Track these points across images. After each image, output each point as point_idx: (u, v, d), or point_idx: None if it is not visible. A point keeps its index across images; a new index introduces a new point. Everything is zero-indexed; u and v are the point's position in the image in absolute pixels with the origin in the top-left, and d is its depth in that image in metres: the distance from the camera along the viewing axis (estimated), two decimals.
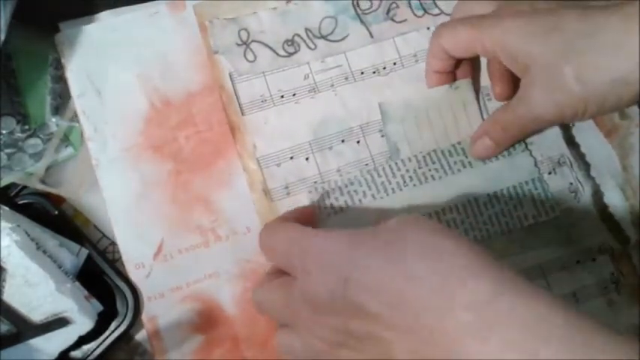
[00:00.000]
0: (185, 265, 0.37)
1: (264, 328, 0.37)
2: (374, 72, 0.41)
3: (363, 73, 0.40)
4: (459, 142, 0.39)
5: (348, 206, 0.38)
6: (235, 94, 0.39)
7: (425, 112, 0.39)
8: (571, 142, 0.41)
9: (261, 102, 0.39)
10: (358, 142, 0.39)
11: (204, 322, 0.37)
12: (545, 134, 0.40)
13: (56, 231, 0.37)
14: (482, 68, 0.41)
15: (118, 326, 0.36)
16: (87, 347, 0.36)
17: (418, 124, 0.39)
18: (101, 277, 0.37)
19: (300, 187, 0.38)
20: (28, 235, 0.35)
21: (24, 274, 0.34)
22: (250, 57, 0.40)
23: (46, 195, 0.38)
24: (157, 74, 0.39)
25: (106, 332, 0.36)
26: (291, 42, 0.40)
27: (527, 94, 0.35)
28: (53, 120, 0.39)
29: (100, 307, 0.35)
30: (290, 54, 0.40)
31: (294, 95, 0.40)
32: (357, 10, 0.41)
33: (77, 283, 0.35)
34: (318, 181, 0.38)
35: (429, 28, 0.41)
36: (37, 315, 0.35)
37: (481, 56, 0.38)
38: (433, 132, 0.39)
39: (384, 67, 0.41)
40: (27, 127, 0.39)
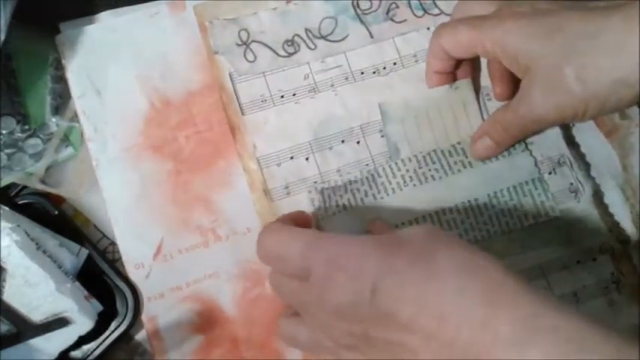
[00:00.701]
0: (185, 265, 0.37)
1: (264, 328, 0.37)
2: (374, 72, 0.41)
3: (363, 73, 0.40)
4: (459, 142, 0.39)
5: (351, 205, 0.38)
6: (235, 94, 0.39)
7: (425, 112, 0.39)
8: (571, 142, 0.41)
9: (261, 102, 0.39)
10: (358, 142, 0.39)
11: (204, 323, 0.37)
12: (546, 134, 0.40)
13: (56, 231, 0.37)
14: (483, 68, 0.41)
15: (118, 326, 0.36)
16: (87, 347, 0.36)
17: (418, 124, 0.39)
18: (101, 277, 0.37)
19: (300, 187, 0.38)
20: (28, 235, 0.35)
21: (24, 274, 0.34)
22: (250, 57, 0.40)
23: (46, 195, 0.38)
24: (157, 74, 0.39)
25: (106, 332, 0.36)
26: (291, 42, 0.40)
27: (528, 94, 0.35)
28: (53, 120, 0.39)
29: (100, 307, 0.36)
30: (290, 54, 0.40)
31: (294, 95, 0.40)
32: (357, 10, 0.41)
33: (77, 283, 0.35)
34: (318, 181, 0.38)
35: (428, 29, 0.41)
36: (37, 315, 0.35)
37: (481, 57, 0.38)
38: (433, 132, 0.39)
39: (384, 67, 0.41)
40: (27, 127, 0.39)
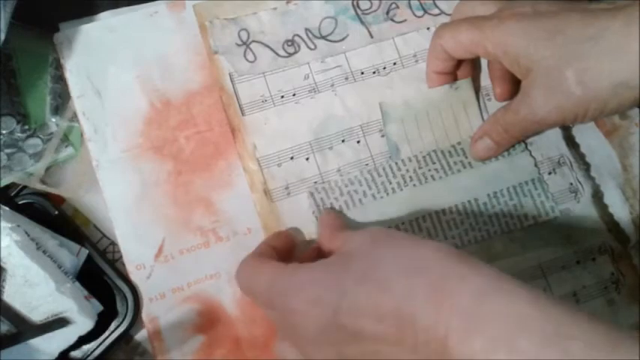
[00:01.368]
0: (186, 265, 0.37)
1: (265, 328, 0.37)
2: (374, 72, 0.41)
3: (363, 73, 0.40)
4: (459, 143, 0.39)
5: (349, 206, 0.38)
6: (235, 94, 0.39)
7: (425, 112, 0.39)
8: (571, 143, 0.41)
9: (262, 102, 0.39)
10: (358, 142, 0.39)
11: (205, 323, 0.37)
12: (545, 134, 0.40)
13: (56, 231, 0.37)
14: (483, 68, 0.41)
15: (118, 326, 0.36)
16: (87, 347, 0.36)
17: (418, 124, 0.39)
18: (101, 277, 0.37)
19: (300, 187, 0.38)
20: (28, 235, 0.35)
21: (24, 274, 0.34)
22: (250, 57, 0.40)
23: (46, 195, 0.38)
24: (157, 74, 0.39)
25: (106, 332, 0.36)
26: (291, 42, 0.40)
27: (529, 96, 0.35)
28: (53, 120, 0.39)
29: (100, 307, 0.35)
30: (290, 54, 0.40)
31: (294, 95, 0.40)
32: (357, 10, 0.41)
33: (77, 283, 0.35)
34: (319, 181, 0.38)
35: (429, 29, 0.41)
36: (37, 315, 0.35)
37: (482, 58, 0.38)
38: (433, 132, 0.39)
39: (384, 67, 0.41)
40: (27, 127, 0.39)
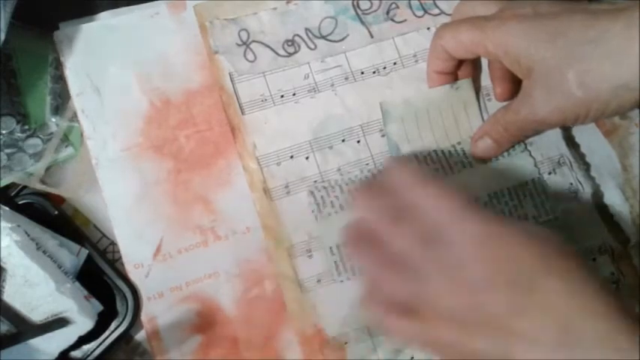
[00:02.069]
0: (184, 264, 0.37)
1: (264, 328, 0.37)
2: (374, 72, 0.41)
3: (363, 73, 0.40)
4: (459, 142, 0.39)
5: (349, 205, 0.38)
6: (235, 93, 0.39)
7: (425, 112, 0.39)
8: (571, 142, 0.41)
9: (261, 102, 0.39)
10: (358, 141, 0.39)
11: (203, 322, 0.37)
12: (545, 134, 0.40)
13: (56, 231, 0.37)
14: (484, 68, 0.41)
15: (118, 326, 0.36)
16: (87, 347, 0.36)
17: (419, 124, 0.39)
18: (101, 277, 0.37)
19: (300, 187, 0.38)
20: (28, 235, 0.35)
21: (24, 274, 0.34)
22: (250, 57, 0.40)
23: (46, 195, 0.38)
24: (157, 74, 0.39)
25: (106, 332, 0.36)
26: (291, 42, 0.40)
27: (530, 96, 0.35)
28: (53, 120, 0.39)
29: (100, 307, 0.35)
30: (290, 54, 0.40)
31: (294, 95, 0.40)
32: (357, 10, 0.41)
33: (77, 283, 0.35)
34: (319, 181, 0.38)
35: (429, 29, 0.41)
36: (37, 315, 0.35)
37: (482, 58, 0.38)
38: (433, 132, 0.39)
39: (384, 67, 0.41)
40: (27, 127, 0.39)
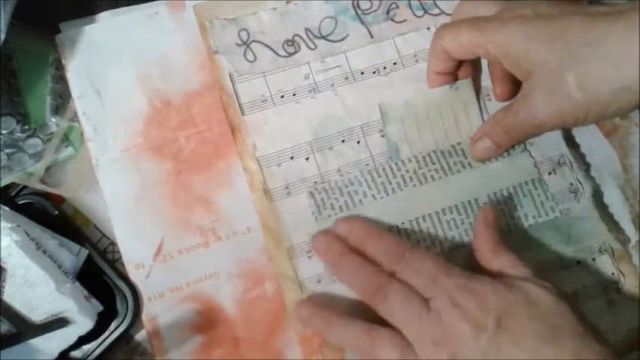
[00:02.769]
0: (185, 265, 0.37)
1: (264, 328, 0.37)
2: (374, 72, 0.41)
3: (363, 73, 0.40)
4: (459, 143, 0.39)
5: (349, 206, 0.38)
6: (235, 94, 0.39)
7: (425, 113, 0.39)
8: (571, 143, 0.41)
9: (262, 102, 0.39)
10: (358, 142, 0.39)
11: (204, 323, 0.37)
12: (545, 135, 0.40)
13: (56, 231, 0.37)
14: (483, 69, 0.41)
15: (118, 326, 0.36)
16: (87, 347, 0.36)
17: (418, 125, 0.39)
18: (101, 277, 0.37)
19: (300, 187, 0.38)
20: (28, 235, 0.35)
21: (24, 274, 0.34)
22: (250, 57, 0.40)
23: (46, 195, 0.38)
24: (157, 75, 0.39)
25: (106, 332, 0.36)
26: (291, 42, 0.40)
27: (530, 98, 0.35)
28: (53, 120, 0.39)
29: (100, 307, 0.35)
30: (290, 54, 0.40)
31: (295, 95, 0.40)
32: (357, 10, 0.41)
33: (77, 283, 0.35)
34: (319, 181, 0.38)
35: (429, 29, 0.41)
36: (37, 315, 0.35)
37: (482, 59, 0.38)
38: (433, 132, 0.39)
39: (384, 67, 0.41)
40: (27, 127, 0.39)
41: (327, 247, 0.36)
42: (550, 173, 0.39)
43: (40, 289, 0.34)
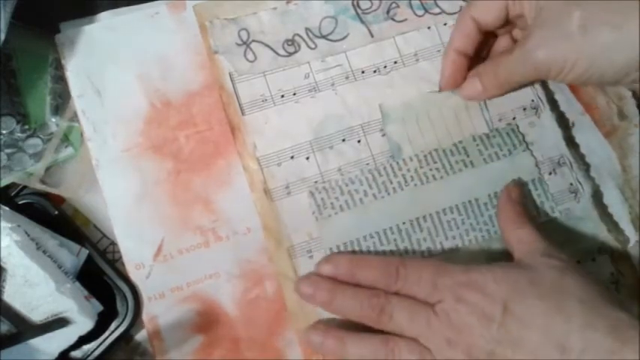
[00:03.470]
0: (185, 265, 0.37)
1: (264, 328, 0.37)
2: (374, 71, 0.41)
3: (363, 72, 0.40)
4: (461, 141, 0.39)
5: (349, 206, 0.38)
6: (235, 93, 0.39)
7: (426, 112, 0.39)
8: (571, 143, 0.41)
9: (262, 102, 0.39)
10: (359, 141, 0.39)
11: (204, 323, 0.37)
12: (546, 135, 0.40)
13: (56, 231, 0.37)
14: None
15: (118, 326, 0.36)
16: (87, 347, 0.36)
17: (419, 124, 0.39)
18: (101, 277, 0.37)
19: (300, 187, 0.38)
20: (28, 235, 0.35)
21: (24, 274, 0.34)
22: (250, 57, 0.40)
23: (46, 195, 0.38)
24: (157, 74, 0.39)
25: (106, 332, 0.36)
26: (291, 42, 0.40)
27: (529, 37, 0.35)
28: (53, 120, 0.39)
29: (100, 307, 0.35)
30: (290, 54, 0.40)
31: (295, 95, 0.40)
32: (357, 9, 0.41)
33: (77, 283, 0.35)
34: (319, 181, 0.38)
35: (429, 28, 0.41)
36: (37, 315, 0.35)
37: (510, 12, 0.38)
38: (434, 131, 0.39)
39: (385, 67, 0.41)
40: (27, 127, 0.39)
41: (314, 288, 0.35)
42: (550, 173, 0.39)
43: (40, 289, 0.34)
